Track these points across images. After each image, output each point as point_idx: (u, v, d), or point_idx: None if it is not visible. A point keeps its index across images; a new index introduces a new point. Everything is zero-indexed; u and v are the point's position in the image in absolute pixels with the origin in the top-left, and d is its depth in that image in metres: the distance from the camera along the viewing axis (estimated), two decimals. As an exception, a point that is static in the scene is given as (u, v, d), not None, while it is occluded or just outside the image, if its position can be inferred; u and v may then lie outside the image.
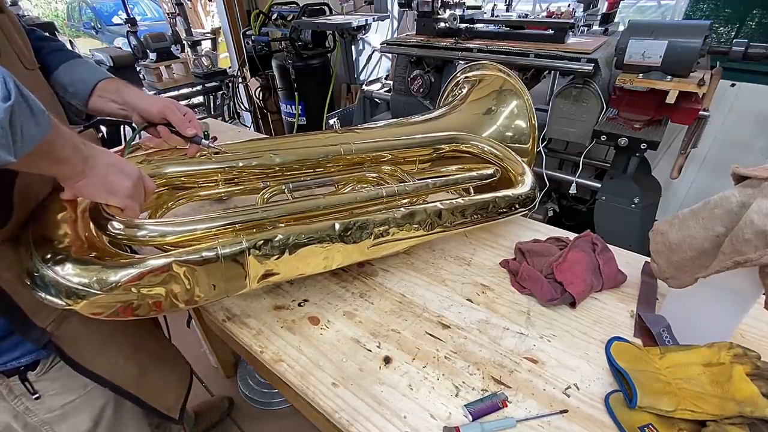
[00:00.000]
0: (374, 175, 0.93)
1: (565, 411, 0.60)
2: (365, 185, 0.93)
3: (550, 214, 1.93)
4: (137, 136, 0.76)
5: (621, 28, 1.88)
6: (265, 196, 0.81)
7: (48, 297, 0.53)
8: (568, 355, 0.69)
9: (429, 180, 0.87)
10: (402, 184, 0.85)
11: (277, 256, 0.66)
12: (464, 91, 1.13)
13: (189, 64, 3.08)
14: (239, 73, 3.28)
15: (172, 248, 0.65)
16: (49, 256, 0.53)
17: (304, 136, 0.89)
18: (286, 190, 0.83)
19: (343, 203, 0.76)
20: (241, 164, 0.79)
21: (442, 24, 1.81)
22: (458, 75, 1.18)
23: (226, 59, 3.74)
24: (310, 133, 0.91)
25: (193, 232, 0.64)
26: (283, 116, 2.87)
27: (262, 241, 0.64)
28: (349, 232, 0.72)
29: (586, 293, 0.79)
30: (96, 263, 0.55)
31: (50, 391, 0.69)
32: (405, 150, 0.94)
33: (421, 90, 1.90)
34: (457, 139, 0.98)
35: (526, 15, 2.02)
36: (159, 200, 0.80)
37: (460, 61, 1.77)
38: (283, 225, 0.70)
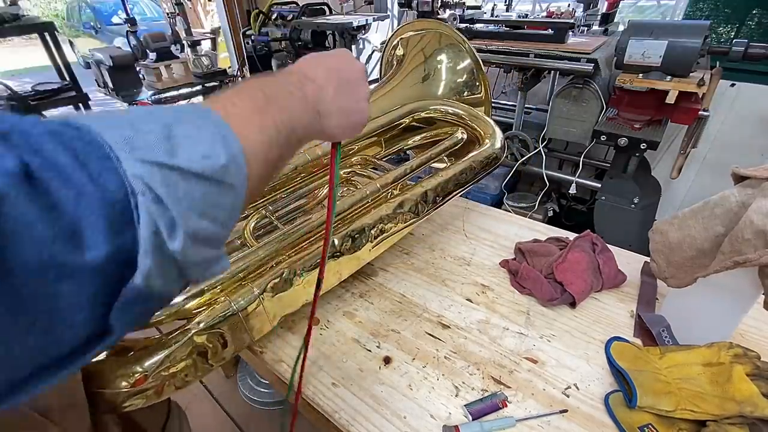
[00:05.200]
0: (346, 170, 0.92)
1: (565, 411, 0.60)
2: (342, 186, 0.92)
3: (550, 214, 1.93)
4: None
5: (621, 28, 1.88)
6: (251, 225, 0.78)
7: None
8: (567, 355, 0.69)
9: (406, 166, 0.86)
10: (382, 177, 0.83)
11: (288, 289, 0.67)
12: (401, 53, 1.09)
13: (189, 64, 3.08)
14: (239, 73, 3.28)
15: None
16: None
17: None
18: (267, 214, 0.81)
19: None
20: None
21: (442, 24, 1.81)
22: (390, 41, 1.12)
23: (226, 59, 3.74)
24: None
25: (200, 296, 0.63)
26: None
27: (271, 284, 0.65)
28: (347, 245, 0.72)
29: (586, 293, 0.79)
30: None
31: None
32: (367, 137, 0.92)
33: (421, 90, 1.89)
34: (417, 109, 0.95)
35: (526, 15, 2.02)
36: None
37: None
38: (285, 256, 0.70)
